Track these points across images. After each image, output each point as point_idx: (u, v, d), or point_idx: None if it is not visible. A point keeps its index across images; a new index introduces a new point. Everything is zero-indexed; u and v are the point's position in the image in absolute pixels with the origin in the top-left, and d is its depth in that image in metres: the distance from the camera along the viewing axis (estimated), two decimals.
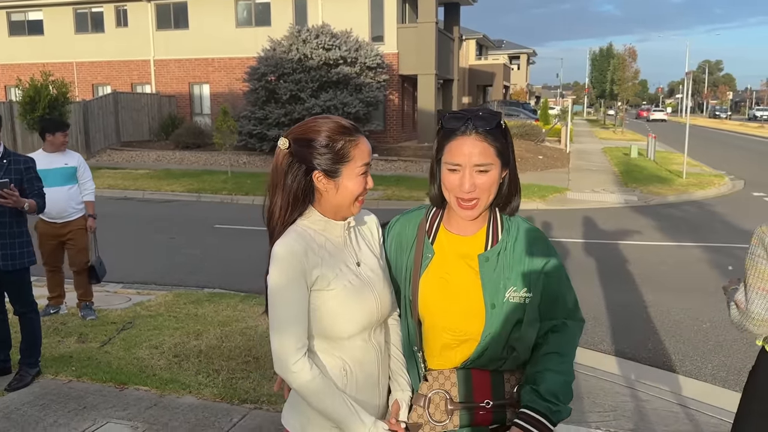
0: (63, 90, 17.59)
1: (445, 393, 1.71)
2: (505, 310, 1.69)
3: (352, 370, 1.71)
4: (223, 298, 6.39)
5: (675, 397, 4.36)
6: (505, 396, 1.72)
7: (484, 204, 1.70)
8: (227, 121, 16.98)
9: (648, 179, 16.51)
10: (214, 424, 3.71)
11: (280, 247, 1.64)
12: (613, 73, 51.37)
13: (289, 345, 1.62)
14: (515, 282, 1.70)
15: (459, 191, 1.67)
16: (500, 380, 1.73)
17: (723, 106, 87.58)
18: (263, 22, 23.52)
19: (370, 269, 1.77)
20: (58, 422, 3.74)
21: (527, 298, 1.70)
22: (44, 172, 5.42)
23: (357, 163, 1.69)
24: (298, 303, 1.64)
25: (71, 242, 5.71)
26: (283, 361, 1.63)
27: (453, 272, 1.74)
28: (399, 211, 2.01)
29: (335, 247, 1.73)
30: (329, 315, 1.67)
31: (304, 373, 1.61)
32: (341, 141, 1.67)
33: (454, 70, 27.22)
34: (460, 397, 1.71)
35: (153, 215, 12.52)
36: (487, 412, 1.71)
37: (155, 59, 25.16)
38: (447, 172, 1.69)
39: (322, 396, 1.63)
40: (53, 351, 4.83)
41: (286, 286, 1.63)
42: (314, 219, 1.73)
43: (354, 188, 1.70)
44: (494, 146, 1.66)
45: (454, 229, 1.78)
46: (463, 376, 1.72)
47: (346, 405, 1.65)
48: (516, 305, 1.69)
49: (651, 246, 9.28)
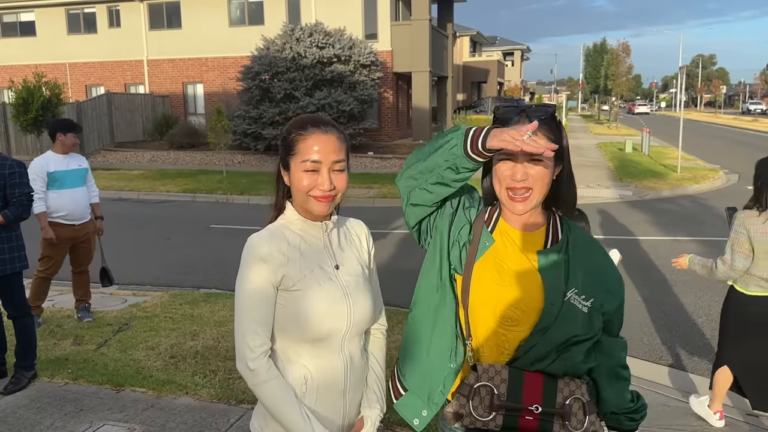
0: (56, 91, 17.53)
1: (493, 388, 1.60)
2: (563, 310, 1.63)
3: (314, 379, 1.66)
4: (219, 299, 6.38)
5: (671, 391, 4.37)
6: (556, 405, 1.61)
7: (536, 198, 1.64)
8: (221, 120, 16.95)
9: (643, 174, 16.55)
10: (212, 425, 3.71)
11: (246, 245, 1.66)
12: (607, 69, 51.41)
13: (249, 343, 1.60)
14: (576, 284, 1.65)
15: (511, 181, 1.63)
16: (554, 387, 1.62)
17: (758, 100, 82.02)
18: (256, 21, 23.48)
19: (349, 274, 1.73)
20: (55, 425, 3.73)
21: (585, 306, 1.66)
22: (64, 173, 5.42)
23: (301, 157, 1.65)
24: (261, 302, 1.62)
25: (84, 244, 5.66)
26: (242, 359, 1.61)
27: (510, 262, 1.68)
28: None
29: (310, 248, 1.70)
30: (295, 316, 1.63)
31: (261, 372, 1.60)
32: (292, 134, 1.68)
33: (448, 67, 27.22)
34: (509, 396, 1.59)
35: (148, 216, 12.49)
36: (534, 418, 1.59)
37: (148, 59, 25.08)
38: (500, 162, 1.66)
39: (275, 400, 1.60)
40: (49, 353, 4.82)
41: (250, 282, 1.62)
42: (291, 218, 1.73)
43: (298, 182, 1.66)
44: (548, 137, 1.61)
45: (518, 223, 1.72)
46: (515, 374, 1.61)
47: (300, 414, 1.60)
48: (574, 308, 1.64)
49: (646, 240, 9.31)
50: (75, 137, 5.47)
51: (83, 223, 5.58)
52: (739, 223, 3.56)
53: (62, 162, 5.41)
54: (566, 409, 1.60)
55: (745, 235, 3.52)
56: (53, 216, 5.37)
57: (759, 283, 3.57)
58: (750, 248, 3.52)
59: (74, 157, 5.58)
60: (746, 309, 3.64)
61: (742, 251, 3.53)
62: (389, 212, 12.07)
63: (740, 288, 3.66)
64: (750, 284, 3.61)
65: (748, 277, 3.60)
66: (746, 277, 3.61)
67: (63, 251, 5.56)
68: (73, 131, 5.46)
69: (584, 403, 1.63)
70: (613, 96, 52.11)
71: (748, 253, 3.53)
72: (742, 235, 3.53)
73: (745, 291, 3.64)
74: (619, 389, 1.78)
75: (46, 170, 5.31)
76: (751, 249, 3.52)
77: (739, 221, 3.56)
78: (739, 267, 3.55)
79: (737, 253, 3.55)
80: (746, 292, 3.63)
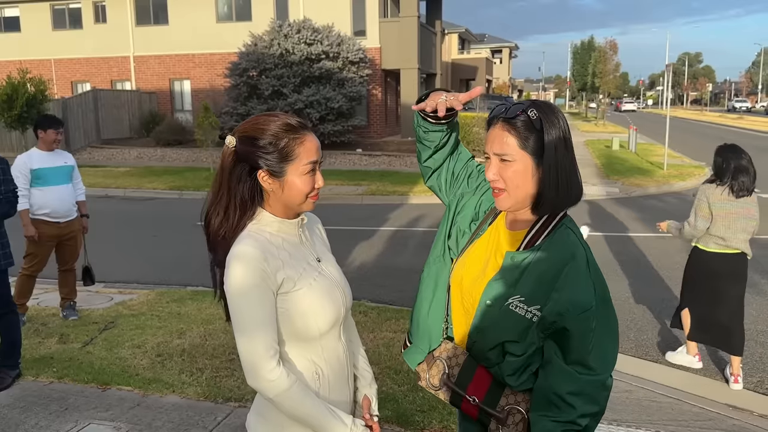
0: (41, 88, 17.33)
1: (446, 366, 1.73)
2: (502, 314, 1.62)
3: (324, 371, 1.68)
4: (206, 296, 6.34)
5: (657, 386, 4.40)
6: (495, 408, 1.65)
7: (511, 197, 1.65)
8: (209, 117, 16.84)
9: (629, 171, 16.65)
10: (199, 423, 3.69)
11: (236, 255, 1.57)
12: (595, 66, 51.64)
13: (262, 352, 1.54)
14: (527, 293, 1.60)
15: (488, 179, 1.70)
16: (499, 391, 1.66)
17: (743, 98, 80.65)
18: (244, 17, 23.35)
19: (329, 264, 1.77)
20: (39, 424, 3.69)
21: (529, 312, 1.59)
22: (48, 170, 5.35)
23: (302, 161, 1.62)
24: (264, 308, 1.56)
25: (69, 242, 5.60)
26: (257, 370, 1.54)
27: (484, 257, 1.74)
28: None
29: (293, 246, 1.69)
30: (301, 315, 1.62)
31: (282, 380, 1.54)
32: (285, 139, 1.61)
33: (436, 64, 27.22)
34: (457, 380, 1.71)
35: (134, 213, 12.41)
36: (473, 407, 1.69)
37: (135, 55, 24.88)
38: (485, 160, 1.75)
39: (300, 403, 1.57)
40: (34, 352, 4.77)
41: (250, 291, 1.55)
42: (267, 221, 1.67)
43: (302, 187, 1.64)
44: (520, 138, 1.61)
45: (507, 220, 1.77)
46: (470, 364, 1.70)
47: (326, 408, 1.60)
48: (513, 314, 1.60)
49: (633, 237, 9.36)
50: (56, 133, 5.37)
51: (68, 220, 5.52)
52: (701, 193, 4.50)
53: (47, 159, 5.35)
54: (503, 414, 1.65)
55: (705, 202, 4.43)
56: (37, 213, 5.31)
57: (716, 241, 4.46)
58: (709, 213, 4.42)
59: (60, 154, 5.51)
60: (705, 263, 4.56)
61: (703, 215, 4.45)
62: (378, 209, 12.06)
63: (702, 246, 4.57)
64: (709, 242, 4.51)
65: (708, 237, 4.49)
66: (706, 237, 4.50)
67: (48, 249, 5.50)
68: (53, 127, 5.34)
69: (524, 418, 1.64)
70: (601, 94, 52.35)
71: (708, 217, 4.43)
72: (703, 202, 4.45)
73: (706, 248, 4.54)
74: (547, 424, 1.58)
75: (29, 167, 5.24)
76: (710, 213, 4.42)
77: (701, 191, 4.51)
78: (700, 227, 4.47)
79: (699, 216, 4.47)
80: (706, 249, 4.54)
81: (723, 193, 4.36)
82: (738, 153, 4.41)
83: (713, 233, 4.43)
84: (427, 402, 3.86)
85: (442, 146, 1.92)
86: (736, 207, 4.34)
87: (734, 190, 4.33)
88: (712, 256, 4.50)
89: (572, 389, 1.56)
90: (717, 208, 4.38)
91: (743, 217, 4.35)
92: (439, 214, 10.00)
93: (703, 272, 4.57)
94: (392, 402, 3.87)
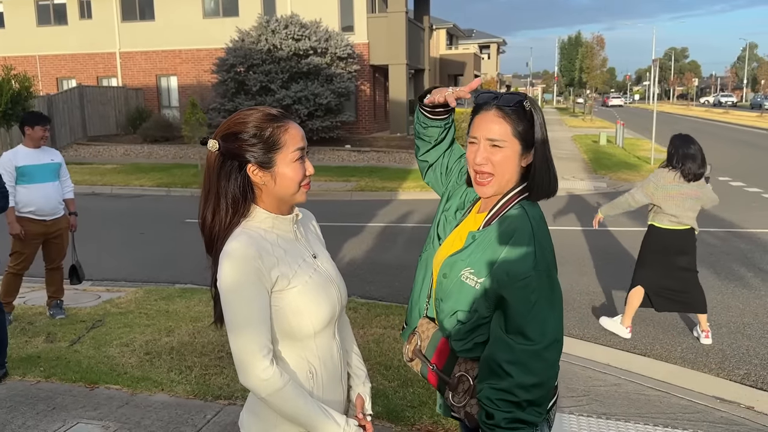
0: (26, 84, 17.12)
1: (418, 340, 1.88)
2: (455, 286, 1.73)
3: (317, 371, 1.67)
4: (194, 294, 6.32)
5: (645, 380, 4.43)
6: (449, 375, 1.77)
7: (498, 182, 1.74)
8: (196, 113, 16.73)
9: (617, 166, 16.74)
10: (188, 422, 3.67)
11: (230, 252, 1.55)
12: (582, 62, 51.91)
13: (255, 350, 1.52)
14: (475, 264, 1.70)
15: (474, 164, 1.74)
16: (453, 360, 1.78)
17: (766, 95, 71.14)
18: (231, 13, 23.22)
19: (325, 260, 1.76)
20: (27, 424, 3.66)
21: (478, 283, 1.68)
22: (34, 168, 5.29)
23: (289, 148, 1.62)
24: (258, 305, 1.55)
25: (56, 240, 5.55)
26: (249, 369, 1.52)
27: (459, 238, 1.84)
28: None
29: (288, 243, 1.67)
30: (295, 313, 1.61)
31: (276, 379, 1.52)
32: (269, 128, 1.60)
33: (425, 59, 27.20)
34: (426, 351, 1.85)
35: (122, 210, 12.32)
36: (433, 375, 1.82)
37: (121, 51, 24.67)
38: (468, 145, 1.78)
39: (293, 402, 1.55)
40: (20, 351, 4.73)
41: (243, 288, 1.53)
42: (260, 218, 1.65)
43: (293, 175, 1.62)
44: (512, 125, 1.70)
45: (481, 206, 1.85)
46: (436, 335, 1.83)
47: (319, 408, 1.59)
48: (465, 285, 1.71)
49: (620, 231, 9.42)
50: (43, 130, 5.32)
51: (55, 218, 5.47)
52: (653, 175, 5.05)
53: (33, 156, 5.29)
54: (453, 381, 1.76)
55: (653, 182, 4.97)
56: (22, 211, 5.26)
57: (670, 219, 4.96)
58: (652, 191, 4.97)
59: (47, 151, 5.46)
60: (660, 239, 5.04)
61: (645, 191, 5.03)
62: (367, 205, 12.05)
63: (657, 224, 5.04)
64: (664, 221, 5.00)
65: (662, 215, 4.98)
66: (661, 215, 4.99)
67: (34, 247, 5.44)
68: (40, 123, 5.30)
69: (471, 386, 1.73)
70: (588, 89, 52.60)
71: (650, 195, 4.99)
72: (651, 182, 5.00)
73: (661, 225, 5.02)
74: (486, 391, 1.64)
75: (14, 164, 5.19)
76: (652, 192, 4.97)
77: (654, 173, 5.05)
78: (638, 199, 5.07)
79: (642, 192, 5.06)
80: (661, 227, 5.02)
81: (675, 177, 4.89)
82: (687, 142, 4.91)
83: (666, 212, 4.95)
84: (418, 398, 3.87)
85: (440, 142, 2.07)
86: (685, 189, 4.89)
87: (684, 175, 4.86)
88: (666, 232, 5.00)
89: (509, 358, 1.61)
90: (669, 189, 4.90)
91: (690, 197, 4.90)
92: (428, 209, 10.03)
93: (659, 247, 5.06)
94: (382, 398, 3.87)
